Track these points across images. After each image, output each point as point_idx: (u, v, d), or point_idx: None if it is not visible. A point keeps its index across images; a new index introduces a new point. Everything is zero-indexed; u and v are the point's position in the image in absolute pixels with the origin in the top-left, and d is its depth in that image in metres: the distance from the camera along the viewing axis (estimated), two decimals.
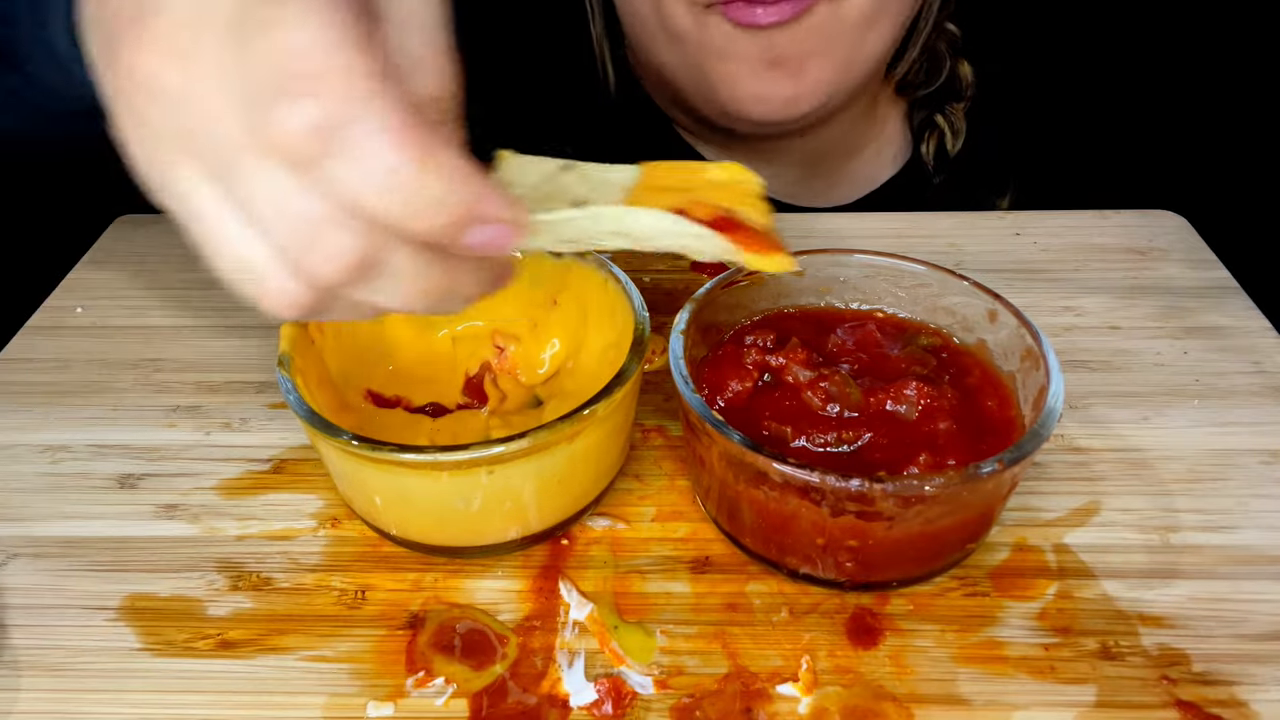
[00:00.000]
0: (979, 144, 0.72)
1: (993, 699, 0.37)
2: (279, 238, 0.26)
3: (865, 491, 0.35)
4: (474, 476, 0.38)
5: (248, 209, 0.26)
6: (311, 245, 0.26)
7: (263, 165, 0.25)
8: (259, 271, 0.27)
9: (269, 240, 0.26)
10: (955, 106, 0.72)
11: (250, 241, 0.27)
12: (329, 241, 0.26)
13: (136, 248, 0.62)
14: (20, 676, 0.38)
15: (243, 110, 0.25)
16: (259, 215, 0.26)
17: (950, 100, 0.71)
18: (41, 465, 0.47)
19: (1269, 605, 0.39)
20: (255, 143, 0.25)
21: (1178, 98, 0.73)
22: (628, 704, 0.37)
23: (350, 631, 0.39)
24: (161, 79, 0.25)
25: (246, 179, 0.25)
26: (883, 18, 0.59)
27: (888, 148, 0.74)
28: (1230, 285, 0.56)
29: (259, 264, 0.27)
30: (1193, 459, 0.46)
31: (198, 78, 0.25)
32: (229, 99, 0.25)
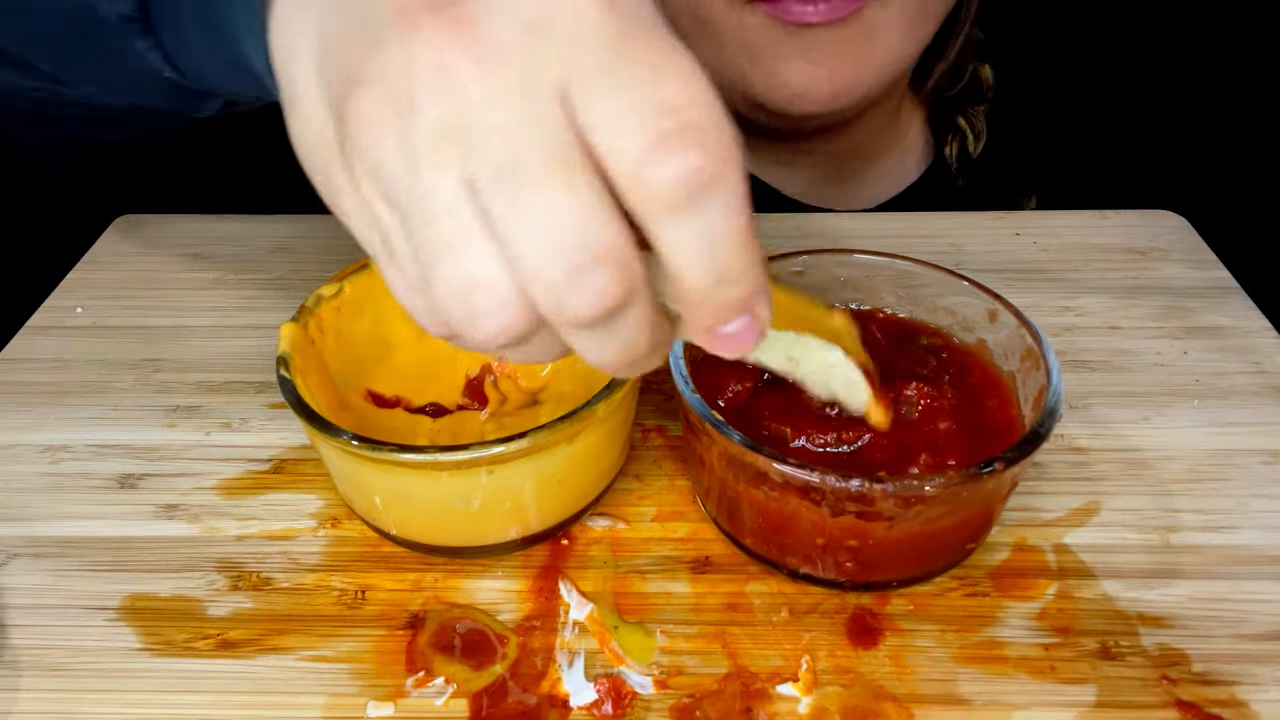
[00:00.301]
0: (999, 145, 0.72)
1: (993, 699, 0.37)
2: (539, 268, 0.24)
3: (865, 491, 0.35)
4: (474, 476, 0.38)
5: (512, 231, 0.24)
6: (576, 284, 0.24)
7: (556, 198, 0.24)
8: (489, 295, 0.25)
9: (523, 266, 0.25)
10: (976, 109, 0.72)
11: (494, 262, 0.25)
12: (595, 280, 0.24)
13: (136, 248, 0.62)
14: (20, 676, 0.38)
15: (565, 137, 0.24)
16: (522, 240, 0.24)
17: (971, 103, 0.72)
18: (41, 465, 0.47)
19: (1269, 605, 0.39)
20: (568, 177, 0.24)
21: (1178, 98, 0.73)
22: (628, 704, 0.37)
23: (350, 631, 0.39)
24: (460, 79, 0.24)
25: (529, 202, 0.24)
26: (924, 20, 0.60)
27: (911, 151, 0.74)
28: (1230, 285, 0.56)
29: (493, 289, 0.25)
30: (1193, 459, 0.46)
31: (509, 89, 0.24)
32: (538, 117, 0.24)
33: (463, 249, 0.25)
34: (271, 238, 0.62)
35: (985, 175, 0.72)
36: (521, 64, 0.24)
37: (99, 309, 0.57)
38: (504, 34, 0.24)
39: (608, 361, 0.27)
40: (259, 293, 0.58)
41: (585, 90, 0.24)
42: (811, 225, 0.63)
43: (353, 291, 0.45)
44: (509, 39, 0.24)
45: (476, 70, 0.24)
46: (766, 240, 0.62)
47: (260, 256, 0.61)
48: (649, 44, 0.24)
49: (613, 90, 0.23)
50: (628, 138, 0.23)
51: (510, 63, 0.24)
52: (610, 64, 0.24)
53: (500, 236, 0.24)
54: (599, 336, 0.26)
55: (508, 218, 0.24)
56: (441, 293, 0.25)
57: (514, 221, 0.24)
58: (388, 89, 0.25)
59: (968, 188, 0.72)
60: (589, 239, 0.24)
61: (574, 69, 0.24)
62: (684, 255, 0.25)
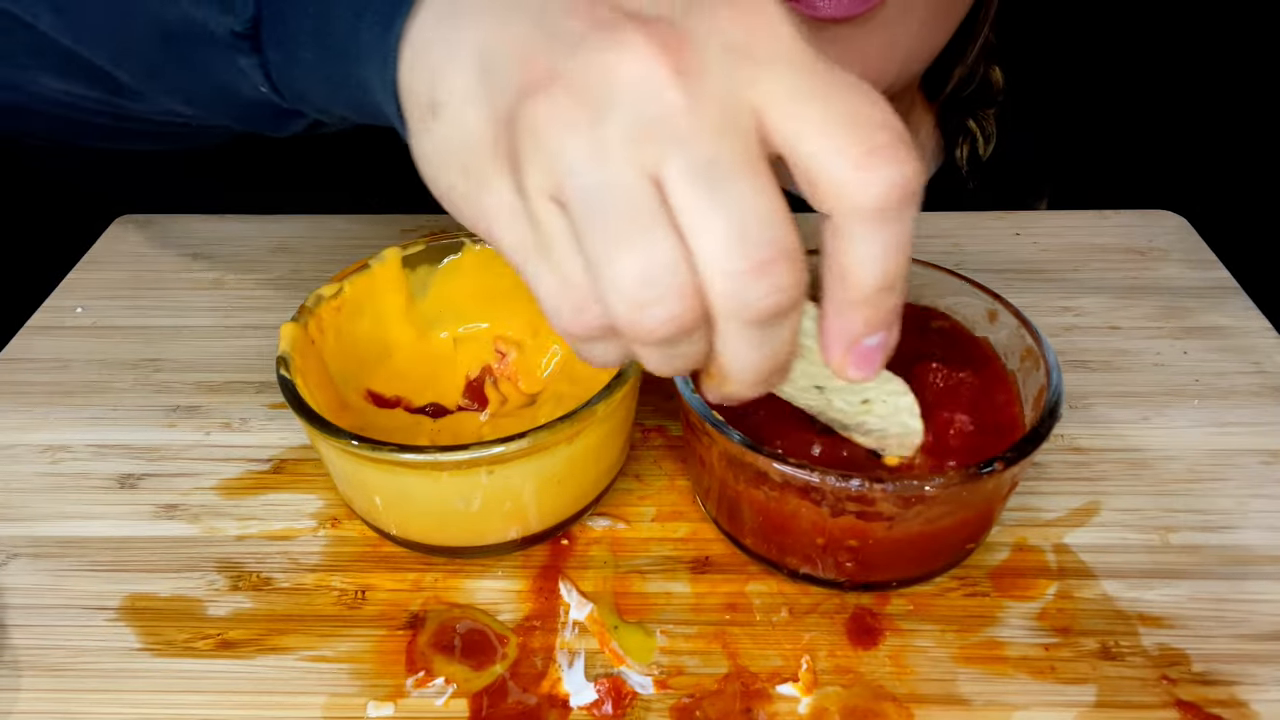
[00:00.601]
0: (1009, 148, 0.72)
1: (993, 699, 0.37)
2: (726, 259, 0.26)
3: (865, 492, 0.35)
4: (474, 476, 0.38)
5: (702, 224, 0.26)
6: (758, 275, 0.26)
7: (752, 193, 0.26)
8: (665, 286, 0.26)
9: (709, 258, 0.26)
10: (986, 112, 0.72)
11: (677, 253, 0.26)
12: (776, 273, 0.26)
13: (136, 248, 0.62)
14: (20, 676, 0.38)
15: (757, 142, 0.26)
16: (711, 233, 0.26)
17: (982, 106, 0.72)
18: (41, 465, 0.47)
19: (1269, 605, 0.39)
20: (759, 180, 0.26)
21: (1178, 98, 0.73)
22: (628, 704, 0.37)
23: (350, 631, 0.39)
24: (663, 87, 0.25)
25: (723, 198, 0.26)
26: (944, 21, 0.60)
27: (922, 153, 0.74)
28: (1230, 285, 0.56)
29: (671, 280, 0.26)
30: (1192, 459, 0.46)
31: (709, 98, 0.25)
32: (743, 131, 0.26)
33: (646, 237, 0.26)
34: (271, 238, 0.62)
35: (995, 177, 0.72)
36: (722, 78, 0.25)
37: (99, 309, 0.57)
38: (707, 50, 0.26)
39: (749, 367, 0.29)
40: (259, 293, 0.58)
41: (785, 107, 0.26)
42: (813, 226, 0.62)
43: (353, 291, 0.45)
44: (711, 55, 0.26)
45: (679, 79, 0.25)
46: None
47: (260, 256, 0.61)
48: (842, 76, 0.26)
49: (818, 108, 0.26)
50: (838, 149, 0.25)
51: (711, 75, 0.25)
52: (811, 85, 0.26)
53: (688, 229, 0.26)
54: (759, 337, 0.28)
55: (700, 211, 0.26)
56: (615, 281, 0.26)
57: (706, 216, 0.26)
58: (583, 91, 0.26)
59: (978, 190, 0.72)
60: (775, 236, 0.26)
61: (773, 87, 0.26)
62: (867, 260, 0.27)
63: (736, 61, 0.26)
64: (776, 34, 0.26)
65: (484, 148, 0.28)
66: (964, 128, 0.73)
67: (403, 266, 0.46)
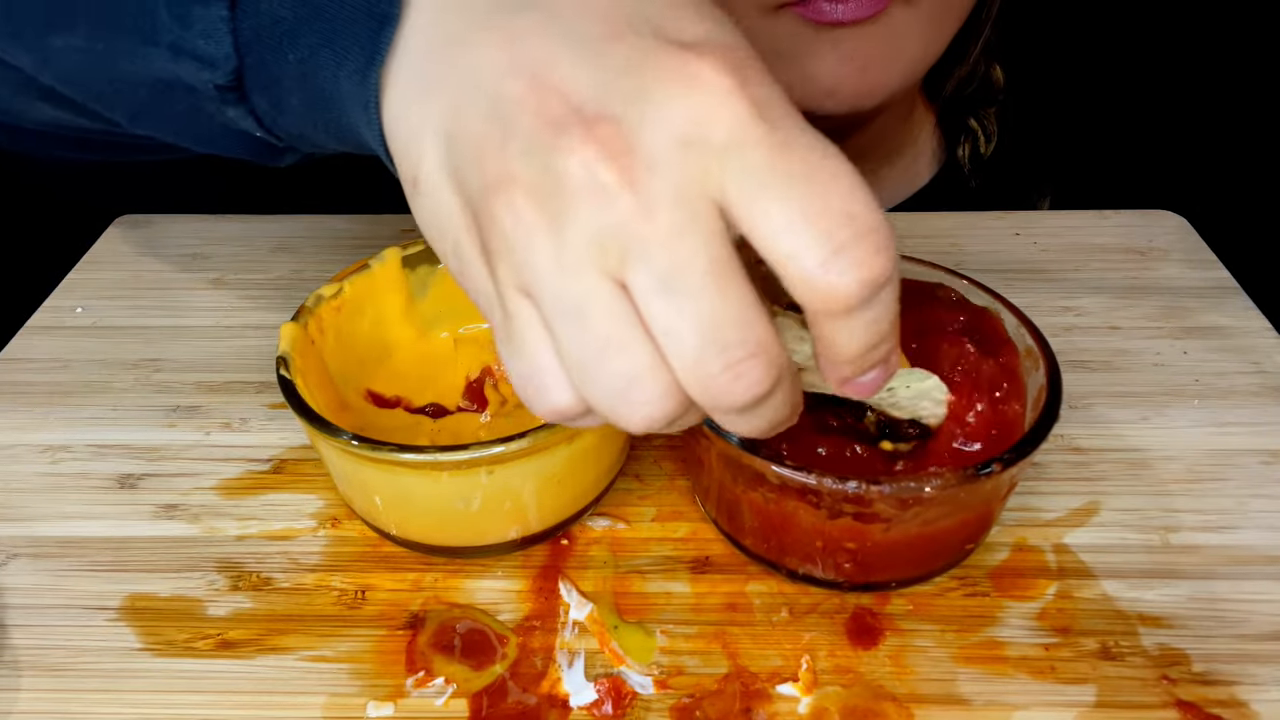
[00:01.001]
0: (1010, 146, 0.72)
1: (993, 699, 0.37)
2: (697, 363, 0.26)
3: (862, 493, 0.35)
4: (474, 476, 0.38)
5: (674, 330, 0.26)
6: (733, 376, 0.26)
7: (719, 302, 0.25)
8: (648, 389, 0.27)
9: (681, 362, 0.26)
10: (987, 110, 0.72)
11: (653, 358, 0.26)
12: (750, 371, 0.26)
13: (136, 248, 0.62)
14: (20, 676, 0.38)
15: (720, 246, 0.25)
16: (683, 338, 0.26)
17: (983, 104, 0.72)
18: (41, 465, 0.47)
19: (1269, 605, 0.39)
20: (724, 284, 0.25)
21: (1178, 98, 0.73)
22: (628, 704, 0.37)
23: (350, 631, 0.39)
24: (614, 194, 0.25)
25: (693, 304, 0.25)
26: (947, 21, 0.60)
27: (922, 154, 0.74)
28: (1230, 285, 0.56)
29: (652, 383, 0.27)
30: (1192, 459, 0.46)
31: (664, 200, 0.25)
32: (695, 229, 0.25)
33: (620, 345, 0.26)
34: (271, 238, 0.62)
35: (997, 177, 0.72)
36: (675, 176, 0.24)
37: (99, 309, 0.57)
38: (655, 146, 0.24)
39: (749, 432, 0.29)
40: (259, 293, 0.58)
41: (748, 202, 0.24)
42: None
43: (353, 291, 0.45)
44: (661, 151, 0.24)
45: (628, 183, 0.24)
46: None
47: (260, 256, 0.61)
48: (806, 151, 0.25)
49: (781, 201, 0.24)
50: (806, 247, 0.24)
51: (663, 175, 0.24)
52: (772, 176, 0.24)
53: (658, 337, 0.26)
54: (747, 417, 0.28)
55: (667, 320, 0.25)
56: (594, 384, 0.27)
57: (673, 324, 0.25)
58: (539, 196, 0.25)
59: (980, 189, 0.72)
60: (744, 337, 0.25)
61: (733, 180, 0.24)
62: (847, 341, 0.26)
63: (689, 155, 0.24)
64: (730, 114, 0.24)
65: (463, 232, 0.28)
66: (965, 126, 0.73)
67: (403, 266, 0.46)
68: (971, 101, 0.72)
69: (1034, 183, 0.72)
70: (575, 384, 0.27)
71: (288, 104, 0.33)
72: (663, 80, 0.24)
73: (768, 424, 0.29)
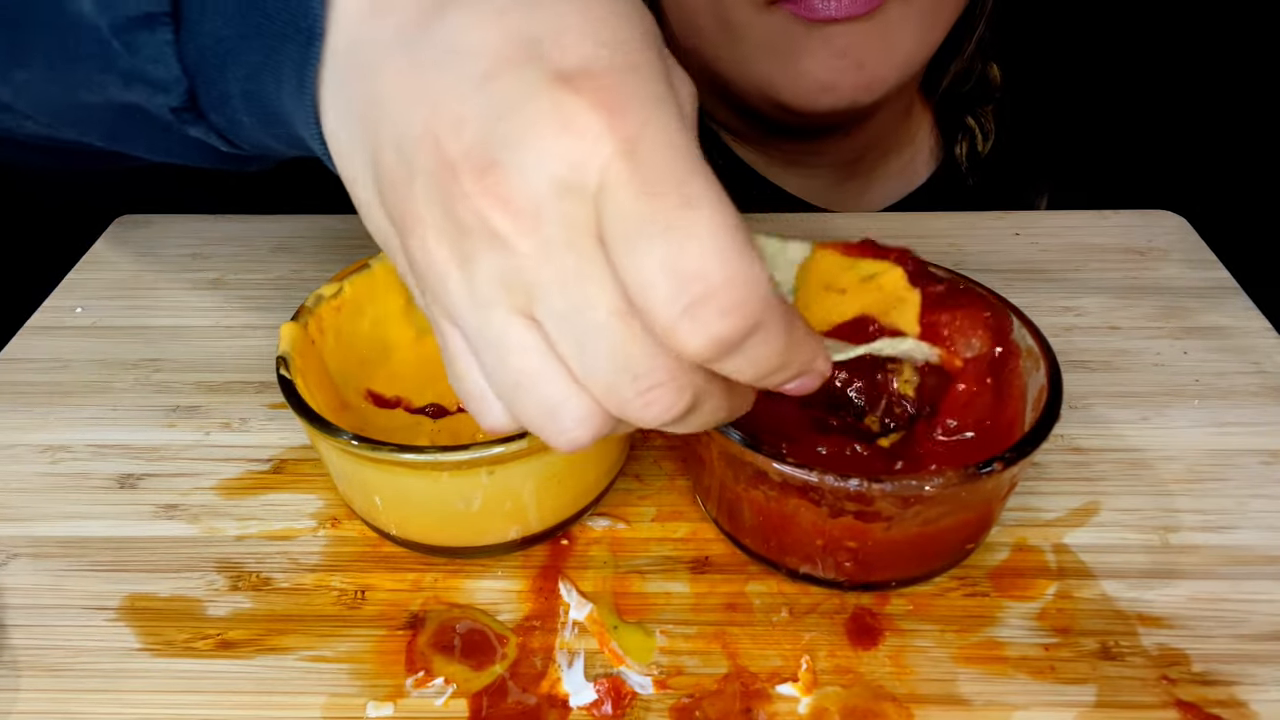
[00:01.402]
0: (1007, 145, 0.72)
1: (993, 699, 0.37)
2: (610, 392, 0.26)
3: (864, 491, 0.35)
4: (474, 476, 0.38)
5: (583, 364, 0.26)
6: (645, 403, 0.26)
7: (620, 341, 0.25)
8: (571, 413, 0.27)
9: (595, 390, 0.27)
10: (984, 109, 0.72)
11: (568, 386, 0.27)
12: (659, 399, 0.26)
13: (136, 248, 0.62)
14: (20, 676, 0.38)
15: (606, 291, 0.25)
16: (593, 372, 0.26)
17: (980, 103, 0.72)
18: (41, 465, 0.47)
19: (1269, 605, 0.39)
20: (622, 324, 0.25)
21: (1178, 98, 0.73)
22: (628, 704, 0.37)
23: (350, 631, 0.39)
24: (509, 240, 0.25)
25: (595, 344, 0.26)
26: (942, 17, 0.60)
27: (920, 152, 0.74)
28: (1230, 285, 0.56)
29: (574, 408, 0.27)
30: (1193, 459, 0.46)
31: (554, 245, 0.25)
32: (588, 274, 0.25)
33: (539, 379, 0.27)
34: (271, 238, 0.62)
35: (995, 175, 0.72)
36: (560, 220, 0.25)
37: (99, 309, 0.57)
38: (538, 192, 0.24)
39: (691, 432, 0.29)
40: (259, 293, 0.58)
41: (617, 247, 0.24)
42: (813, 226, 0.63)
43: (353, 291, 0.45)
44: (543, 197, 0.24)
45: (519, 229, 0.25)
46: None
47: (260, 256, 0.61)
48: (672, 197, 0.24)
49: (640, 251, 0.24)
50: (658, 303, 0.24)
51: (549, 220, 0.25)
52: (635, 224, 0.24)
53: (571, 367, 0.26)
54: (678, 427, 0.28)
55: (576, 358, 0.26)
56: (525, 415, 0.28)
57: (582, 362, 0.26)
58: (445, 238, 0.26)
59: (978, 187, 0.72)
60: (653, 366, 0.26)
61: (606, 224, 0.24)
62: (737, 373, 0.26)
63: (569, 200, 0.24)
64: (600, 158, 0.24)
65: (398, 253, 0.29)
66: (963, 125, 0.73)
67: None
68: (969, 100, 0.72)
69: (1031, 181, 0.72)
70: (506, 407, 0.28)
71: (240, 120, 0.34)
72: (538, 124, 0.24)
73: (703, 424, 0.29)
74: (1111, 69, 0.73)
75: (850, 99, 0.59)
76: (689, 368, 0.26)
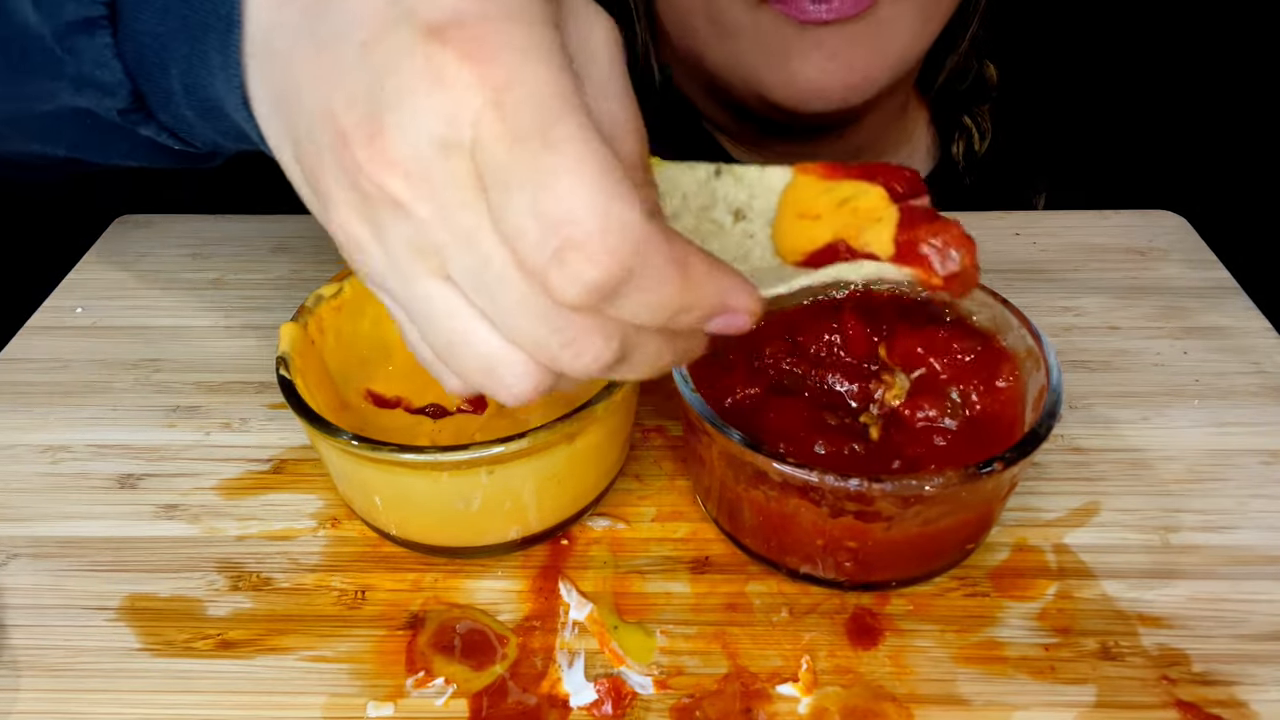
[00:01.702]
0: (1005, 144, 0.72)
1: (993, 699, 0.37)
2: (537, 345, 0.26)
3: (864, 491, 0.35)
4: (474, 476, 0.38)
5: (503, 320, 0.26)
6: (568, 350, 0.26)
7: (528, 293, 0.25)
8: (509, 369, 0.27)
9: (523, 345, 0.27)
10: (981, 108, 0.72)
11: (499, 343, 0.27)
12: (587, 348, 0.26)
13: (136, 248, 0.62)
14: (20, 676, 0.38)
15: (502, 245, 0.25)
16: (515, 327, 0.26)
17: (977, 102, 0.72)
18: (41, 465, 0.47)
19: (1269, 605, 0.39)
20: (522, 276, 0.25)
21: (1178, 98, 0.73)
22: (628, 704, 0.37)
23: (350, 631, 0.39)
24: (407, 204, 0.25)
25: (506, 298, 0.26)
26: (935, 15, 0.60)
27: (916, 150, 0.74)
28: (1230, 285, 0.56)
29: (510, 364, 0.27)
30: (1193, 459, 0.46)
31: (449, 205, 0.25)
32: (483, 229, 0.25)
33: (469, 340, 0.27)
34: (271, 238, 0.62)
35: (992, 174, 0.72)
36: (448, 179, 0.25)
37: (99, 309, 0.57)
38: (423, 153, 0.25)
39: (637, 378, 0.29)
40: (259, 293, 0.58)
41: (493, 199, 0.24)
42: None
43: (353, 291, 0.45)
44: (428, 157, 0.24)
45: (415, 193, 0.25)
46: None
47: (260, 256, 0.61)
48: (535, 142, 0.24)
49: (511, 201, 0.24)
50: (528, 251, 0.24)
51: (439, 180, 0.25)
52: (505, 174, 0.24)
53: (496, 323, 0.27)
54: (618, 372, 0.28)
55: (494, 312, 0.26)
56: (466, 376, 0.28)
57: (501, 314, 0.26)
58: (357, 212, 0.26)
59: (975, 186, 0.72)
60: (568, 318, 0.26)
61: (484, 176, 0.24)
62: (634, 319, 0.26)
63: (451, 157, 0.24)
64: (471, 110, 0.24)
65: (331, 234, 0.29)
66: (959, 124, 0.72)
67: None
68: (966, 99, 0.72)
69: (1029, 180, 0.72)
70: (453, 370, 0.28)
71: (185, 116, 0.34)
72: (414, 81, 0.24)
73: (656, 370, 0.29)
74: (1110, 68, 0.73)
75: (841, 100, 0.59)
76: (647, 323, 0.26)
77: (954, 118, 0.73)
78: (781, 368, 0.43)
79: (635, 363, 0.28)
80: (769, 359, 0.43)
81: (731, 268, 0.27)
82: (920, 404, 0.41)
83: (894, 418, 0.41)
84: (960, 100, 0.72)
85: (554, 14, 0.25)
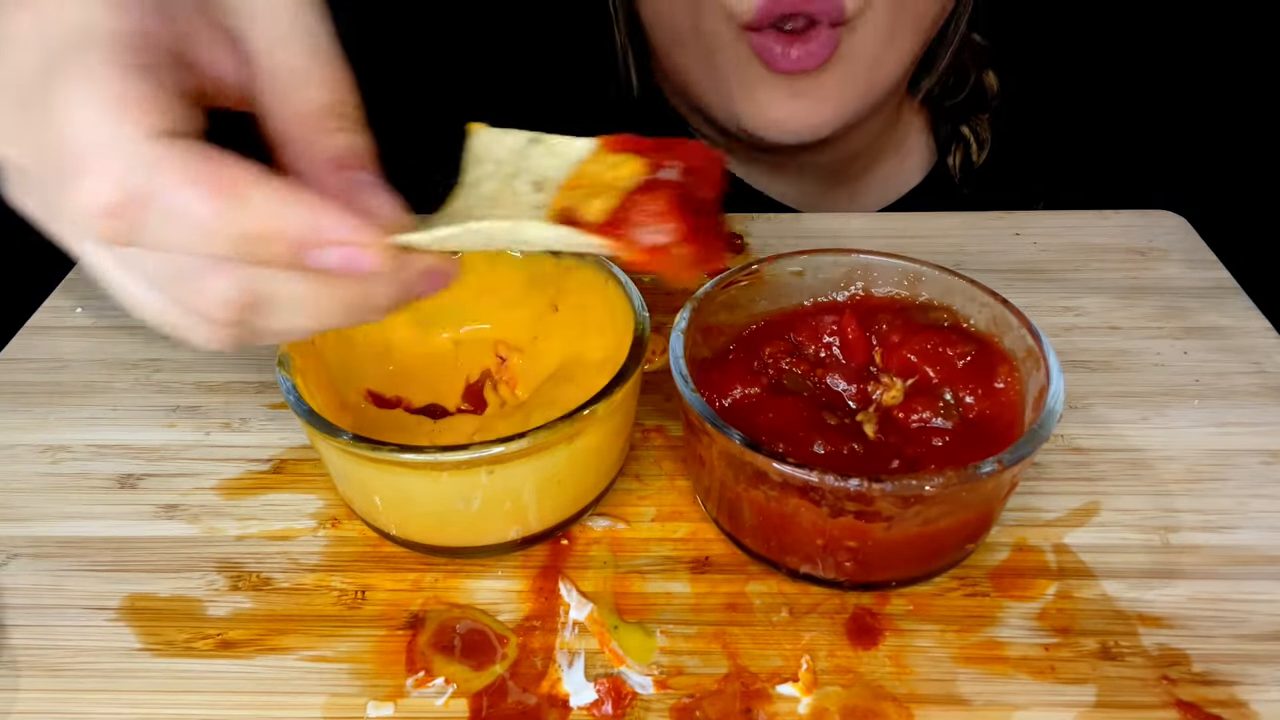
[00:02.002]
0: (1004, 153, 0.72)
1: (993, 699, 0.37)
2: (169, 291, 0.28)
3: (864, 491, 0.35)
4: (474, 476, 0.38)
5: (137, 269, 0.28)
6: (196, 294, 0.27)
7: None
8: (171, 321, 0.29)
9: (165, 294, 0.28)
10: (980, 117, 0.72)
11: (154, 296, 0.28)
12: (208, 288, 0.27)
13: None
14: (20, 676, 0.38)
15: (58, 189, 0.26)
16: (147, 274, 0.28)
17: (976, 111, 0.72)
18: (41, 465, 0.47)
19: (1269, 605, 0.39)
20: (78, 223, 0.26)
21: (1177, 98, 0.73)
22: (628, 704, 0.37)
23: (350, 631, 0.39)
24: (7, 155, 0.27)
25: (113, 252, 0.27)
26: (900, 36, 0.60)
27: (910, 155, 0.74)
28: (1230, 285, 0.56)
29: (169, 315, 0.29)
30: (1193, 459, 0.46)
31: (25, 154, 0.26)
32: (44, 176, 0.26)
33: (145, 308, 0.30)
34: None
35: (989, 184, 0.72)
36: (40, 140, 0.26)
37: (99, 309, 0.57)
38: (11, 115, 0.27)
39: (295, 330, 0.30)
40: None
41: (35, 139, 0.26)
42: (812, 226, 0.62)
43: None
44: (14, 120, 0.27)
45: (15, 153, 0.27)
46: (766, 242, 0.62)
47: None
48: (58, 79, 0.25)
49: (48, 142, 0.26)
50: (55, 189, 0.26)
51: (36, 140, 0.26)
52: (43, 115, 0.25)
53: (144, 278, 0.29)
54: (268, 321, 0.29)
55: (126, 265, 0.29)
56: (174, 337, 0.30)
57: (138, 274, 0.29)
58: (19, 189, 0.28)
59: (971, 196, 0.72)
60: (180, 264, 0.27)
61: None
62: (198, 250, 0.26)
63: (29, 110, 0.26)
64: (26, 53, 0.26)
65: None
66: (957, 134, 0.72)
67: None
68: (964, 108, 0.72)
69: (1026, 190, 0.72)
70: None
71: None
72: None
73: (324, 322, 0.30)
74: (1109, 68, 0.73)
75: (811, 134, 0.61)
76: (224, 256, 0.26)
77: (952, 128, 0.73)
78: (781, 368, 0.43)
79: (292, 302, 0.28)
80: (769, 359, 0.43)
81: (329, 202, 0.26)
82: (915, 406, 0.41)
83: (891, 419, 0.41)
84: (959, 110, 0.72)
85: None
